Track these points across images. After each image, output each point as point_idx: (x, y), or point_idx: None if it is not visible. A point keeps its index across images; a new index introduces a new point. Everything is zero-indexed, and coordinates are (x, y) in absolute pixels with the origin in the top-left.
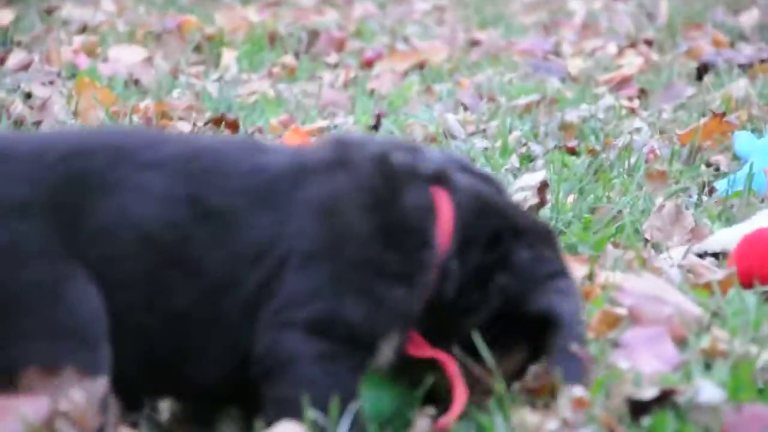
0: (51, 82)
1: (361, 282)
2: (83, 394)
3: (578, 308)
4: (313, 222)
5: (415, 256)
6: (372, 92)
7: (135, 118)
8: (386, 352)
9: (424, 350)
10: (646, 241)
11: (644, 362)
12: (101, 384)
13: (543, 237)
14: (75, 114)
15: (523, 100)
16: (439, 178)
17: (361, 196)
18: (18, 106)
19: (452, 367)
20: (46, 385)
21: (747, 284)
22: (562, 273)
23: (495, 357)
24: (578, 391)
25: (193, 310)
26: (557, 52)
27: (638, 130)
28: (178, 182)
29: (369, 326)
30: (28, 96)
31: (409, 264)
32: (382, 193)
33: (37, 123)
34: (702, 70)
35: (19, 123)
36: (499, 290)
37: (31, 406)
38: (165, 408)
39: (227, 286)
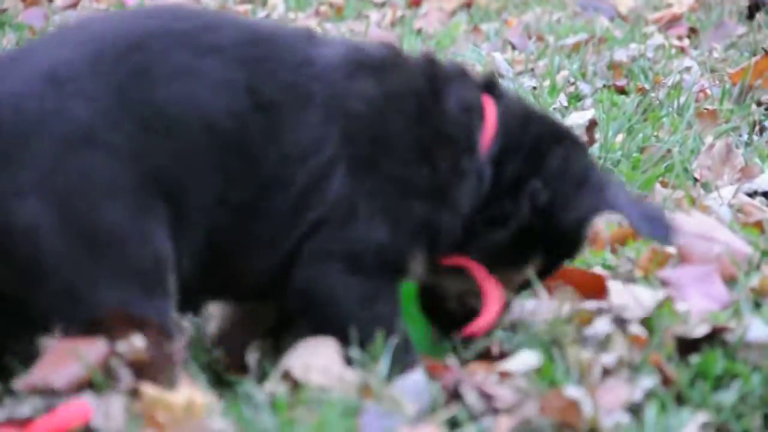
0: None
1: (393, 200)
2: (142, 338)
3: (620, 193)
4: (358, 126)
5: (455, 165)
6: (419, 31)
7: None
8: (416, 269)
9: (453, 259)
10: (696, 180)
11: (693, 301)
12: (167, 328)
13: (580, 147)
14: None
15: (571, 39)
16: (488, 84)
17: (407, 102)
18: None
19: (483, 274)
20: (117, 328)
21: None
22: (591, 167)
23: (513, 272)
24: (635, 328)
25: (252, 203)
26: None
27: (688, 69)
28: (238, 69)
29: (398, 247)
30: None
31: (446, 176)
32: (427, 97)
33: None
34: (753, 8)
35: None
36: (530, 197)
37: (90, 348)
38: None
39: (279, 182)
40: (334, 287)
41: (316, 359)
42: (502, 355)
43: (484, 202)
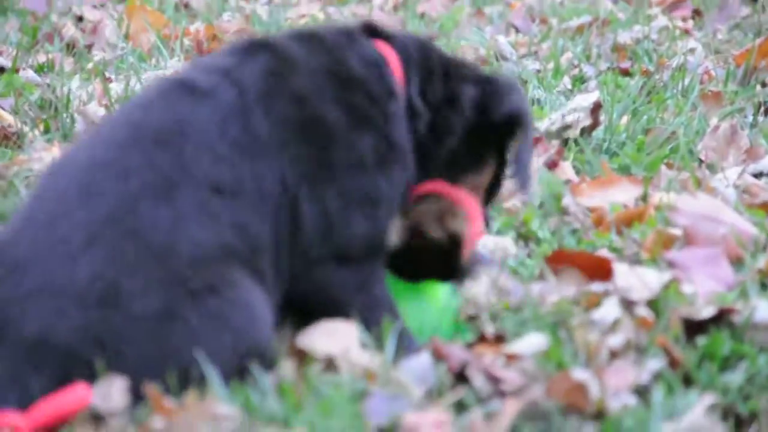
0: (102, 5)
1: (355, 186)
2: None
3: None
4: (295, 140)
5: (386, 118)
6: (422, 15)
7: (186, 42)
8: (393, 237)
9: (421, 189)
10: (701, 161)
11: (700, 282)
12: None
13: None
14: (126, 37)
15: (575, 22)
16: (371, 29)
17: (322, 88)
18: (70, 29)
19: (452, 190)
20: None
21: None
22: (515, 82)
23: (473, 175)
24: (642, 310)
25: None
26: None
27: (692, 50)
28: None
29: (378, 228)
30: (80, 19)
31: (384, 133)
32: (334, 74)
33: (89, 46)
34: None
35: (71, 46)
36: (470, 101)
37: None
38: None
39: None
40: (331, 283)
41: (334, 340)
42: (499, 339)
43: (429, 128)
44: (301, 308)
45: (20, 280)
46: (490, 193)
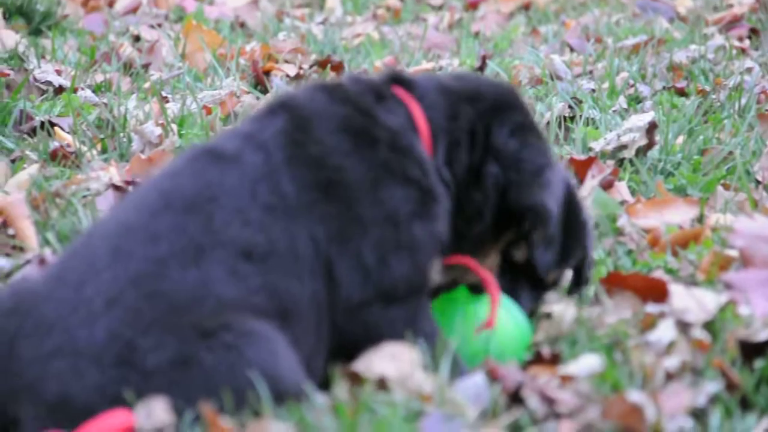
0: (159, 25)
1: (389, 237)
2: None
3: (560, 198)
4: (319, 197)
5: (421, 181)
6: (477, 34)
7: (241, 61)
8: (435, 278)
9: (451, 260)
10: (758, 182)
11: (757, 304)
12: None
13: (516, 106)
14: (183, 56)
15: (630, 41)
16: (396, 78)
17: (353, 148)
18: (127, 49)
19: (477, 267)
20: None
21: None
22: (547, 164)
23: (488, 248)
24: (698, 332)
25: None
26: None
27: (749, 70)
28: None
29: (419, 269)
30: (137, 39)
31: (421, 187)
32: (364, 133)
33: (146, 65)
34: None
35: (128, 65)
36: (494, 181)
37: None
38: None
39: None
40: (379, 324)
41: (390, 362)
42: (555, 359)
43: (455, 203)
44: (354, 355)
45: (43, 340)
46: (527, 271)
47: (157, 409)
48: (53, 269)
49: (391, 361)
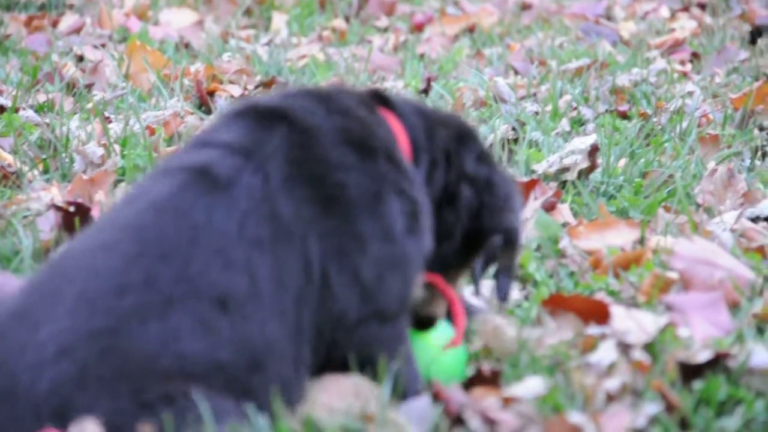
0: (103, 45)
1: (387, 253)
2: None
3: (522, 227)
4: (320, 212)
5: (412, 195)
6: (422, 56)
7: (186, 82)
8: (417, 295)
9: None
10: (698, 205)
11: (696, 326)
12: None
13: (476, 135)
14: (126, 77)
15: (574, 64)
16: (380, 99)
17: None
18: (70, 69)
19: (443, 286)
20: None
21: None
22: (514, 192)
23: (457, 270)
24: (638, 354)
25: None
26: (609, 16)
27: (690, 93)
28: None
29: (410, 287)
30: (80, 59)
31: (412, 201)
32: (356, 139)
33: (89, 86)
34: (755, 34)
35: (71, 85)
36: (467, 204)
37: None
38: None
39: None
40: (373, 342)
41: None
42: (495, 376)
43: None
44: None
45: None
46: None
47: (88, 429)
48: (13, 302)
49: (353, 398)
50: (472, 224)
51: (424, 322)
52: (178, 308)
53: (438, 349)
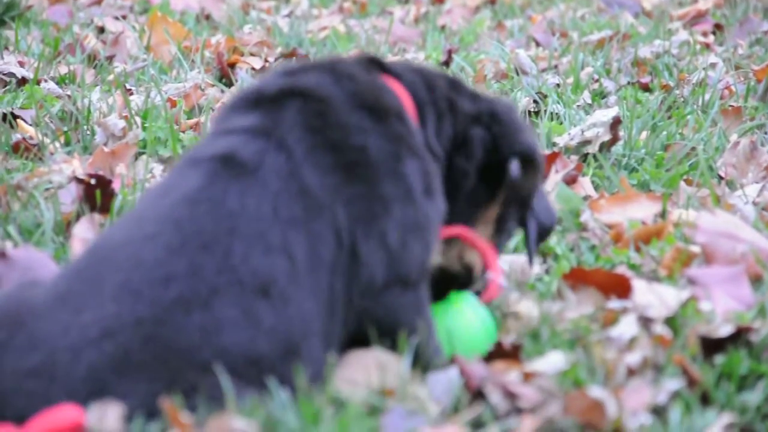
0: (123, 17)
1: (409, 215)
2: None
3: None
4: (344, 179)
5: (422, 155)
6: (443, 28)
7: (207, 54)
8: (436, 258)
9: (446, 231)
10: (720, 178)
11: (718, 300)
12: None
13: (462, 81)
14: (147, 48)
15: (595, 36)
16: (377, 63)
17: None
18: (91, 41)
19: (474, 238)
20: None
21: None
22: (516, 112)
23: (485, 209)
24: (660, 328)
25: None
26: None
27: (713, 65)
28: None
29: (430, 252)
30: (101, 30)
31: (423, 165)
32: (368, 104)
33: (110, 57)
34: None
35: (92, 57)
36: (480, 141)
37: None
38: None
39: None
40: (398, 307)
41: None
42: (516, 350)
43: (446, 172)
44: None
45: (25, 356)
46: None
47: (110, 415)
48: (56, 286)
49: (376, 372)
50: (490, 158)
51: (457, 283)
52: (222, 299)
53: (467, 320)
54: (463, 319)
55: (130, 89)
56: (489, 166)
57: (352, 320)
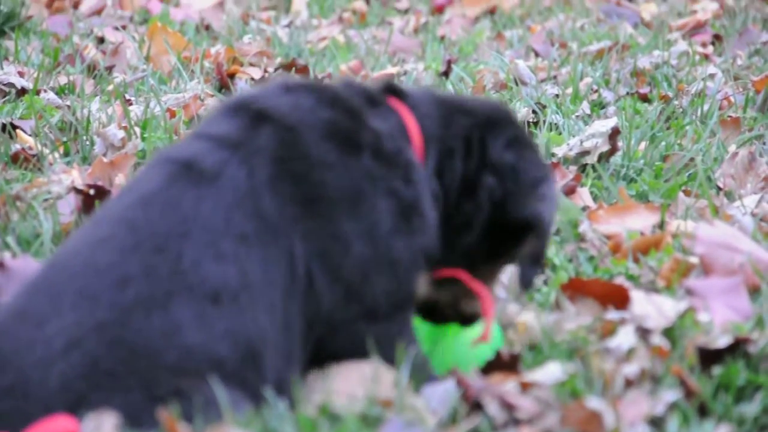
0: (123, 27)
1: (370, 253)
2: None
3: (554, 213)
4: (303, 212)
5: (403, 192)
6: (442, 38)
7: (206, 64)
8: (420, 289)
9: (443, 272)
10: (719, 189)
11: (716, 311)
12: None
13: (510, 120)
14: (147, 59)
15: (594, 46)
16: (392, 91)
17: (336, 156)
18: (91, 51)
19: (471, 281)
20: None
21: None
22: (544, 177)
23: (488, 266)
24: (657, 339)
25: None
26: None
27: (712, 76)
28: None
29: (401, 285)
30: (101, 41)
31: (404, 202)
32: (350, 141)
33: (110, 68)
34: None
35: (92, 67)
36: (489, 193)
37: None
38: None
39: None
40: (364, 341)
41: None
42: (513, 360)
43: (444, 213)
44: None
45: None
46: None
47: (106, 424)
48: (13, 302)
49: (373, 384)
50: (497, 215)
51: (465, 320)
52: (177, 301)
53: (466, 346)
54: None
55: (129, 99)
56: (494, 223)
57: (312, 347)
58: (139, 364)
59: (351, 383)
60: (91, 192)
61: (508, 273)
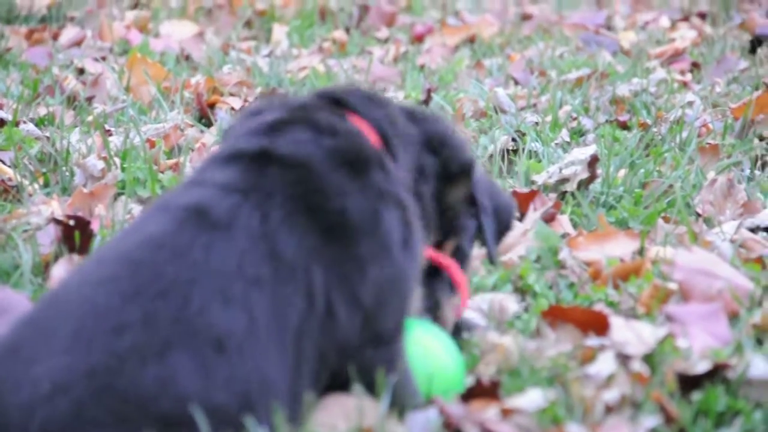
0: (103, 58)
1: (385, 276)
2: None
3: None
4: (322, 242)
5: (402, 199)
6: (422, 67)
7: (186, 94)
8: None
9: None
10: (698, 215)
11: (695, 337)
12: None
13: (432, 117)
14: (127, 89)
15: (574, 74)
16: (338, 103)
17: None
18: (71, 82)
19: (438, 257)
20: None
21: None
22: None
23: (453, 239)
24: (637, 365)
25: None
26: (609, 26)
27: (690, 103)
28: None
29: (408, 305)
30: (81, 72)
31: (402, 212)
32: (347, 158)
33: (90, 99)
34: (755, 43)
35: (72, 98)
36: (432, 171)
37: None
38: None
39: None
40: (370, 366)
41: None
42: (494, 386)
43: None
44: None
45: None
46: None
47: None
48: (7, 336)
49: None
50: (441, 183)
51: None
52: (177, 349)
53: (435, 353)
54: (436, 358)
55: (109, 130)
56: (442, 192)
57: (326, 377)
58: (129, 413)
59: (335, 415)
60: (71, 223)
61: (488, 302)
